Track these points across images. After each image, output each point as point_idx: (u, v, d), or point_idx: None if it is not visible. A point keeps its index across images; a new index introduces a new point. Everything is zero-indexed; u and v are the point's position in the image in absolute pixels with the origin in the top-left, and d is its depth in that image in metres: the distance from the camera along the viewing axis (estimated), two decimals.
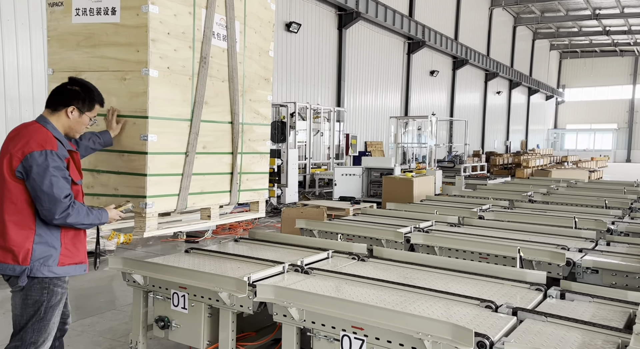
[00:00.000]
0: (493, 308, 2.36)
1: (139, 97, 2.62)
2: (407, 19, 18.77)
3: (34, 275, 2.28)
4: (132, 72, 2.63)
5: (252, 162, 3.40)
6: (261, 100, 3.43)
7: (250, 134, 3.35)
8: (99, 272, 5.52)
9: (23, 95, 7.99)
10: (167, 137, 2.74)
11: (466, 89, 26.33)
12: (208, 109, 2.97)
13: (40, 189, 2.22)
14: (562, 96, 43.50)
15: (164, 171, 2.74)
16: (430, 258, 3.27)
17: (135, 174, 2.67)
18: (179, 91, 2.79)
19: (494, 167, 21.78)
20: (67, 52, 2.79)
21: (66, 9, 2.76)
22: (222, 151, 3.14)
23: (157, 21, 2.61)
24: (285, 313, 2.44)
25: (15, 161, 2.24)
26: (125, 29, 2.63)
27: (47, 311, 2.34)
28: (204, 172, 3.00)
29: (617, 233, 4.48)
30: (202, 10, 2.87)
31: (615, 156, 40.78)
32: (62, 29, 2.78)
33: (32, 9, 8.02)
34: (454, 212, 5.16)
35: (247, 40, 3.22)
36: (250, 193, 3.42)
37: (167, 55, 2.69)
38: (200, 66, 2.88)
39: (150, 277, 2.98)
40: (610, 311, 2.41)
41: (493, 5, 28.34)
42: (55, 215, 2.24)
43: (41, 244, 2.28)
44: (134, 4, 2.60)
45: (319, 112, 13.75)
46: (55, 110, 2.40)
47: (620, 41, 37.05)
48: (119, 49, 2.65)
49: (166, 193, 2.78)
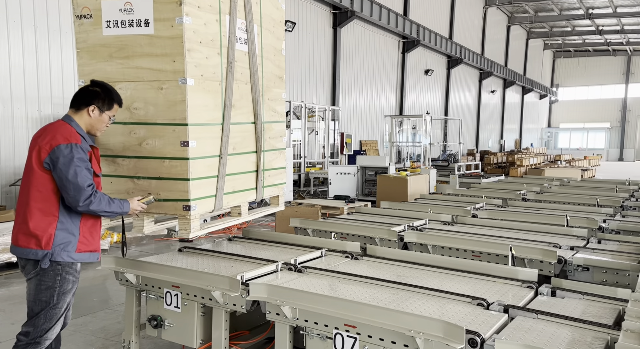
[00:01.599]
0: (485, 306, 2.38)
1: (177, 105, 2.72)
2: (401, 18, 18.78)
3: (54, 259, 2.45)
4: (169, 81, 2.72)
5: (273, 159, 3.55)
6: (277, 98, 3.57)
7: (270, 132, 3.49)
8: (92, 271, 5.49)
9: (15, 94, 7.93)
10: (204, 141, 2.86)
11: (461, 88, 26.41)
12: (235, 111, 3.09)
13: (66, 178, 2.39)
14: (556, 95, 43.72)
15: (203, 174, 2.87)
16: (424, 256, 3.29)
17: (177, 179, 2.77)
18: (212, 97, 2.90)
19: (488, 166, 21.87)
20: (99, 63, 2.86)
21: (96, 21, 2.82)
22: (248, 151, 3.28)
23: (191, 31, 2.69)
24: (278, 311, 2.44)
25: (44, 153, 2.43)
26: (160, 40, 2.70)
27: (59, 297, 2.49)
28: (234, 172, 3.14)
29: (609, 231, 4.51)
30: (226, 16, 2.98)
31: (608, 154, 41.05)
32: (93, 41, 2.85)
33: (24, 7, 7.95)
34: (447, 210, 5.19)
35: (263, 42, 3.34)
36: (272, 188, 3.58)
37: (201, 64, 2.79)
38: (228, 71, 2.99)
39: (143, 276, 2.97)
40: (600, 308, 2.43)
41: (487, 5, 28.42)
42: (80, 202, 2.41)
43: (62, 231, 2.46)
44: (167, 16, 2.66)
45: (314, 111, 13.75)
46: (78, 109, 2.58)
47: (613, 41, 37.29)
48: (154, 60, 2.73)
49: (205, 195, 2.91)
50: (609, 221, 4.74)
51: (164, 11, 2.66)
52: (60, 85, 8.44)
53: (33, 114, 8.16)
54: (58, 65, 8.41)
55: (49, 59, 8.31)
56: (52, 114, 8.32)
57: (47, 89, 8.32)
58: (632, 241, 3.93)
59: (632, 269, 3.07)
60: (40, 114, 8.22)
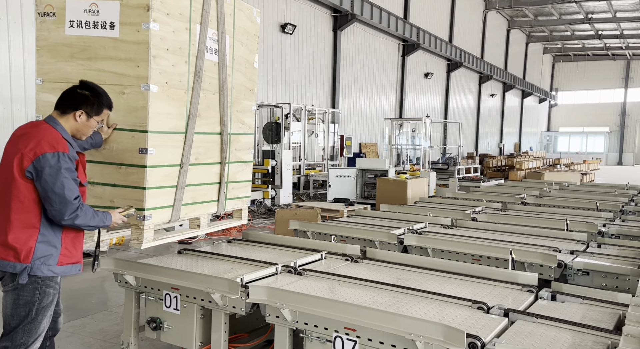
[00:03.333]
0: (485, 309, 2.37)
1: (138, 111, 2.66)
2: (402, 21, 18.83)
3: (33, 273, 2.30)
4: (131, 86, 2.66)
5: (238, 171, 3.48)
6: (246, 110, 3.52)
7: (237, 143, 3.43)
8: (91, 273, 5.47)
9: (15, 94, 7.93)
10: (164, 150, 2.79)
11: (460, 91, 26.45)
12: (200, 121, 3.03)
13: (51, 190, 2.25)
14: (555, 99, 43.80)
15: (161, 183, 2.80)
16: (423, 260, 3.28)
17: (133, 187, 2.71)
18: (176, 105, 2.84)
19: (487, 170, 21.87)
20: (59, 63, 2.78)
21: (59, 20, 2.75)
22: (212, 162, 3.21)
23: (158, 38, 2.65)
24: (278, 314, 2.44)
25: (27, 161, 2.27)
26: (125, 45, 2.65)
27: (39, 312, 2.35)
28: (195, 183, 3.07)
29: (608, 235, 4.51)
30: (197, 25, 2.93)
31: (607, 158, 41.10)
32: (54, 40, 2.77)
33: (25, 8, 7.96)
34: (447, 214, 5.18)
35: (235, 53, 3.30)
36: (236, 201, 3.51)
37: (166, 71, 2.74)
38: (195, 80, 2.94)
39: (143, 278, 2.96)
40: (600, 312, 2.43)
41: (487, 9, 28.51)
42: (65, 216, 2.27)
43: (43, 243, 2.31)
44: (134, 21, 2.62)
45: (314, 113, 13.75)
46: (64, 112, 2.43)
47: (612, 45, 37.39)
48: (117, 64, 2.67)
49: (162, 205, 2.84)
50: (608, 225, 4.74)
51: (131, 15, 2.61)
52: None
53: (33, 115, 8.12)
54: None
55: None
56: None
57: None
58: (631, 245, 3.93)
59: (632, 274, 3.07)
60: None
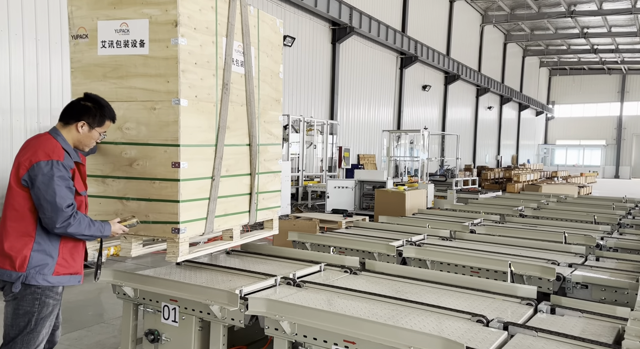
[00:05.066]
0: (484, 323, 2.37)
1: (170, 126, 2.71)
2: (399, 34, 19.02)
3: (28, 282, 2.30)
4: (162, 101, 2.71)
5: (267, 182, 3.52)
6: (273, 121, 3.57)
7: (265, 154, 3.47)
8: (88, 284, 5.44)
9: (15, 105, 7.95)
10: (196, 163, 2.83)
11: (458, 103, 26.61)
12: (229, 133, 3.08)
13: (43, 198, 2.26)
14: (552, 111, 44.08)
15: (194, 196, 2.82)
16: (423, 272, 3.28)
17: (167, 201, 2.73)
18: (205, 118, 2.89)
19: (485, 182, 21.93)
20: (93, 83, 2.85)
21: (91, 41, 2.83)
22: (242, 173, 3.25)
23: (186, 52, 2.71)
24: (276, 326, 2.43)
25: (22, 170, 2.30)
26: (155, 61, 2.71)
27: (38, 322, 2.35)
28: (227, 195, 3.10)
29: (606, 249, 4.52)
30: (223, 38, 2.99)
31: (604, 171, 41.24)
32: (87, 61, 2.85)
33: (26, 20, 8.02)
34: (445, 226, 5.19)
35: (260, 64, 3.36)
36: (266, 212, 3.54)
37: (195, 85, 2.78)
38: (223, 92, 2.99)
39: (141, 289, 2.95)
40: (599, 326, 2.43)
41: (484, 23, 28.83)
42: (57, 224, 2.27)
43: (39, 252, 2.31)
44: (163, 37, 2.68)
45: (312, 124, 13.81)
46: (67, 123, 2.47)
47: (608, 59, 37.76)
48: (148, 80, 2.73)
49: (196, 218, 2.86)
50: (606, 238, 4.75)
51: (160, 32, 2.67)
52: (61, 97, 8.46)
53: (32, 126, 8.16)
54: (59, 77, 8.45)
55: (50, 70, 8.35)
56: (51, 125, 8.28)
57: (46, 100, 8.34)
58: (630, 258, 3.94)
59: (631, 288, 3.07)
60: (39, 125, 8.23)
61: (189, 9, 2.71)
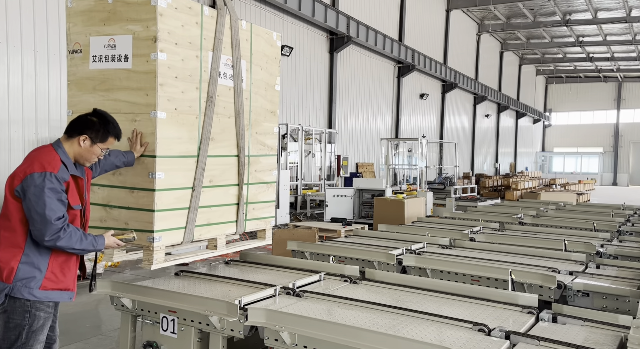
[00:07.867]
0: (486, 332, 2.35)
1: (148, 137, 2.79)
2: (397, 43, 19.15)
3: (14, 295, 2.27)
4: (141, 114, 2.81)
5: (259, 192, 3.53)
6: (267, 132, 3.60)
7: (257, 165, 3.48)
8: (85, 296, 5.40)
9: (13, 117, 7.95)
10: (175, 173, 2.88)
11: (455, 112, 26.72)
12: (215, 144, 3.10)
13: (34, 209, 2.25)
14: (549, 119, 44.27)
15: (171, 205, 2.87)
16: (423, 281, 3.26)
17: (144, 210, 2.79)
18: (186, 130, 2.93)
19: (483, 189, 21.94)
20: (84, 95, 2.97)
21: (84, 56, 2.94)
22: (228, 183, 3.26)
23: (165, 67, 2.77)
24: (276, 337, 2.40)
25: (17, 181, 2.31)
26: (136, 75, 2.80)
27: (29, 336, 2.31)
28: (210, 205, 3.12)
29: (607, 256, 4.51)
30: (209, 53, 3.04)
31: (602, 179, 41.31)
32: (81, 74, 2.97)
33: (25, 32, 8.06)
34: (445, 234, 5.17)
35: (253, 77, 3.39)
36: (257, 222, 3.55)
37: (175, 98, 2.85)
38: (207, 105, 3.03)
39: (139, 300, 2.92)
40: (602, 334, 2.41)
41: (480, 31, 29.05)
42: (45, 236, 2.24)
43: (26, 265, 2.27)
44: (144, 52, 2.76)
45: (311, 133, 13.84)
46: (70, 136, 2.49)
47: (603, 67, 38.03)
48: (130, 93, 2.83)
49: (173, 227, 2.90)
50: (606, 245, 4.74)
51: (141, 47, 2.76)
52: (59, 108, 8.47)
53: (30, 137, 8.16)
54: (57, 88, 8.47)
55: (48, 82, 8.37)
56: (49, 136, 8.33)
57: (45, 111, 8.35)
58: (630, 266, 3.92)
59: (632, 295, 3.06)
60: (37, 136, 8.23)
61: (170, 25, 2.78)
